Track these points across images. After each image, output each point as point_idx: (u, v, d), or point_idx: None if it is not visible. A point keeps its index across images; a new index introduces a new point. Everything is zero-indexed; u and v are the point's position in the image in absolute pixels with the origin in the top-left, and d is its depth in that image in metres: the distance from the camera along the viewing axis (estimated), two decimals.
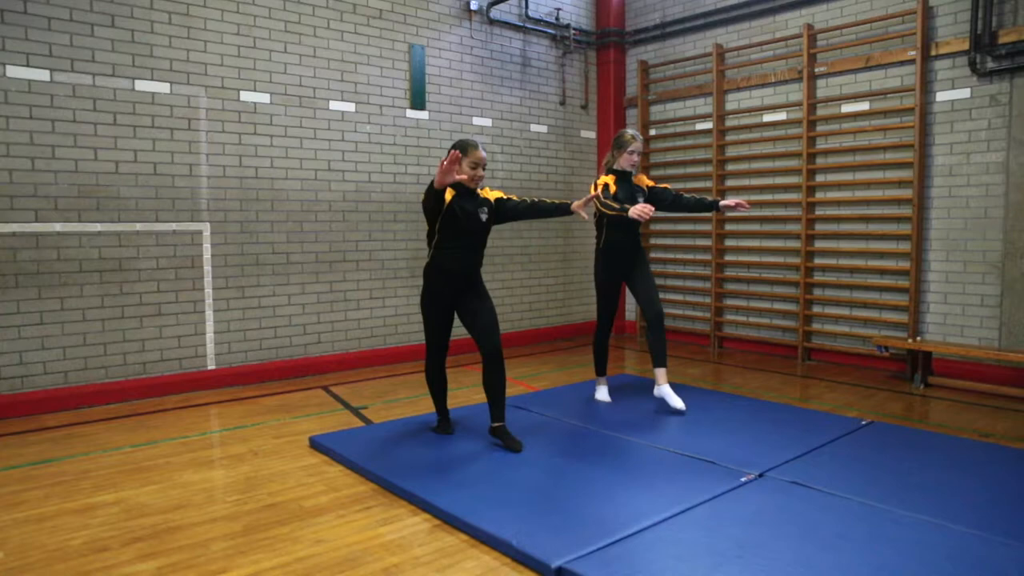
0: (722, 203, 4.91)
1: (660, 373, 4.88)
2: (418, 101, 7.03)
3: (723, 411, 4.92)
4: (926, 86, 6.14)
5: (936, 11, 6.10)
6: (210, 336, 5.90)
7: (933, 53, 6.10)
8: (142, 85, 5.48)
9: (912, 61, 6.17)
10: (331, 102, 6.49)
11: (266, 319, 6.19)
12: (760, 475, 3.65)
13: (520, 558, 2.86)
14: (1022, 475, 3.69)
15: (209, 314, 5.89)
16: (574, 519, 3.14)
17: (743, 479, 3.59)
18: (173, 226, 5.67)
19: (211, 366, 5.91)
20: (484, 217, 4.14)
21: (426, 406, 5.29)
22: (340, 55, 6.53)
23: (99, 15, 5.29)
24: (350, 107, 6.61)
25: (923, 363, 5.89)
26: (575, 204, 4.16)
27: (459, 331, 4.83)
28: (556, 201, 4.36)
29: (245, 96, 6.00)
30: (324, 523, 3.29)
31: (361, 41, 6.66)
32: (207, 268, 5.86)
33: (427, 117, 7.12)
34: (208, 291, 5.87)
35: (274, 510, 3.44)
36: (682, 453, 4.01)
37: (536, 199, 4.37)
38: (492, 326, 4.09)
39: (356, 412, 5.22)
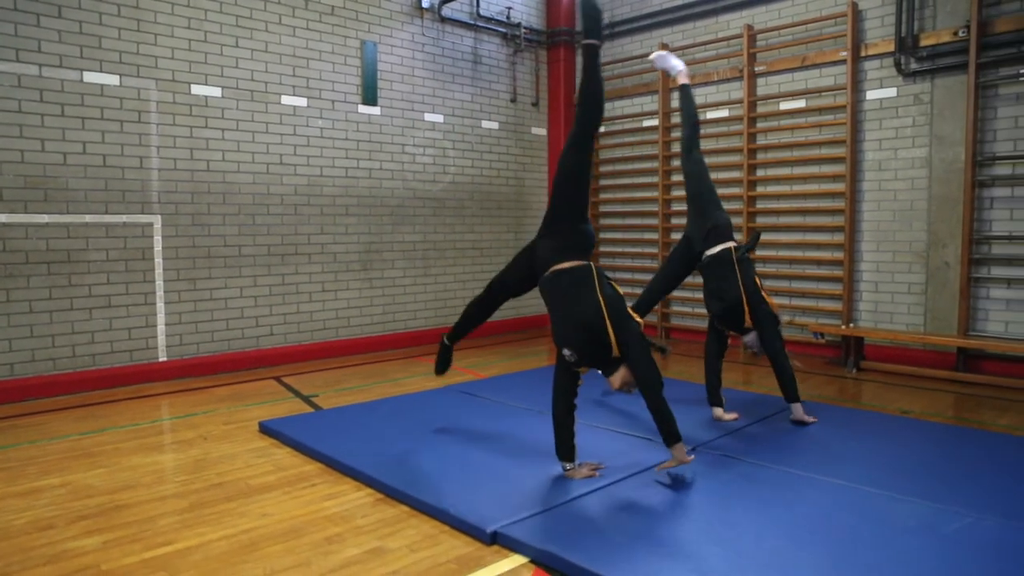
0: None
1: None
2: (370, 97, 7.12)
3: (669, 394, 5.10)
4: (856, 85, 6.44)
5: (865, 14, 6.41)
6: (161, 328, 5.92)
7: (863, 54, 6.40)
8: (91, 77, 5.49)
9: (843, 61, 6.47)
10: (283, 97, 6.56)
11: (218, 311, 6.22)
12: (693, 449, 3.83)
13: (458, 525, 3.00)
14: (931, 444, 3.96)
15: (160, 306, 5.91)
16: (512, 490, 3.29)
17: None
18: (123, 218, 5.68)
19: (162, 358, 5.93)
20: None
21: (377, 393, 5.41)
22: (292, 50, 6.60)
23: (46, 5, 5.29)
24: (302, 102, 6.68)
25: (856, 348, 6.18)
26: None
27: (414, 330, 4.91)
28: None
29: (196, 90, 6.03)
30: (270, 499, 3.38)
31: (313, 37, 6.73)
32: (158, 260, 5.88)
33: (379, 113, 7.22)
34: (159, 283, 5.89)
35: (221, 488, 3.53)
36: (622, 431, 4.19)
37: None
38: None
39: (307, 400, 5.31)
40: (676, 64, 5.06)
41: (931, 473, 3.51)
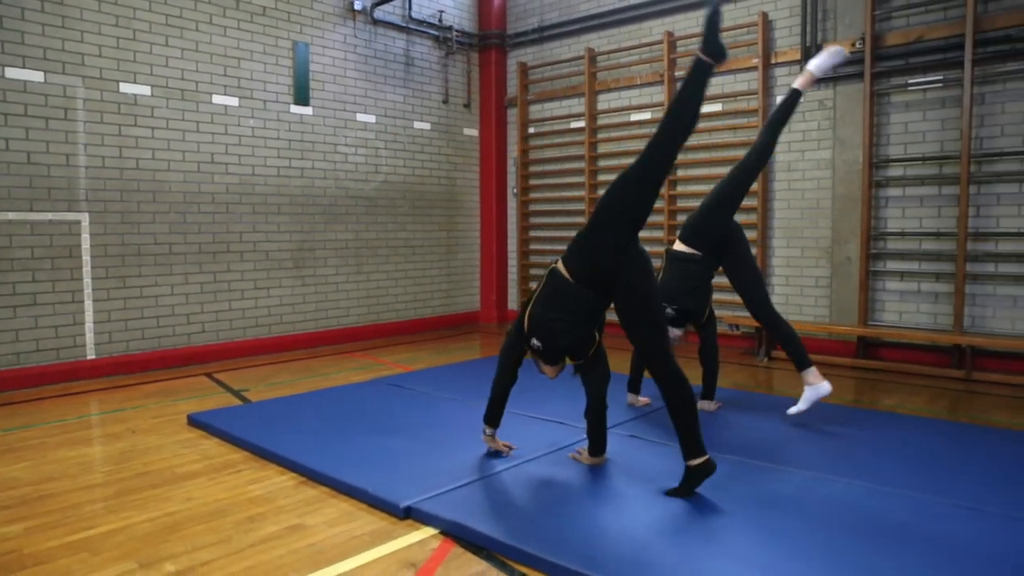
0: None
1: None
2: (302, 97, 7.22)
3: (580, 384, 5.38)
4: (768, 90, 6.84)
5: (775, 24, 6.81)
6: (89, 326, 5.92)
7: (773, 61, 6.80)
8: (13, 73, 5.47)
9: (756, 68, 6.86)
10: (214, 96, 6.61)
11: (148, 309, 6.25)
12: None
13: (374, 502, 3.19)
14: (834, 424, 4.28)
15: (88, 304, 5.91)
16: (427, 470, 3.48)
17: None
18: (49, 215, 5.68)
19: (91, 356, 5.93)
20: None
21: (307, 387, 5.54)
22: (223, 50, 6.65)
23: None
24: (233, 101, 6.74)
25: (767, 340, 6.56)
26: None
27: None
28: None
29: (125, 88, 6.05)
30: (195, 485, 3.51)
31: (244, 37, 6.80)
32: (86, 258, 5.88)
33: (311, 113, 7.33)
34: (87, 280, 5.89)
35: (147, 476, 3.63)
36: (538, 417, 4.43)
37: None
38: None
39: (237, 394, 5.40)
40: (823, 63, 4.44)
41: (828, 448, 3.85)
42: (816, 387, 4.27)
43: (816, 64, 4.41)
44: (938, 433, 4.13)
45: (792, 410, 4.35)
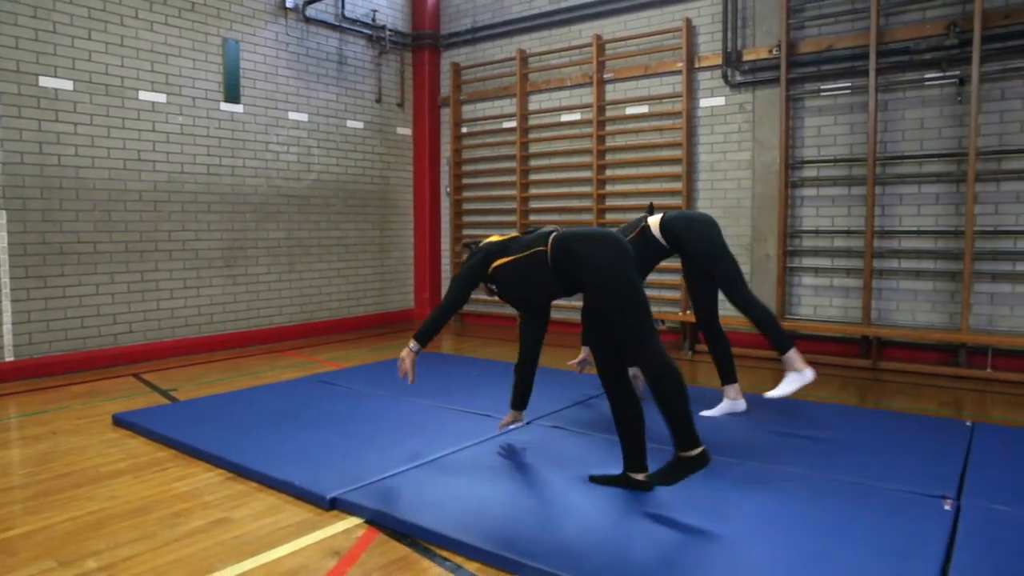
0: None
1: None
2: (232, 94, 7.16)
3: (510, 379, 5.52)
4: (692, 93, 7.10)
5: (698, 30, 7.07)
6: (8, 327, 5.76)
7: (696, 65, 7.06)
8: None
9: (680, 72, 7.11)
10: (140, 92, 6.50)
11: (72, 309, 6.11)
12: (527, 423, 4.23)
13: (301, 495, 3.24)
14: (745, 412, 4.51)
15: (7, 304, 5.75)
16: (356, 463, 3.55)
17: (512, 426, 4.15)
18: None
19: (9, 357, 5.77)
20: None
21: (237, 386, 5.53)
22: (150, 45, 6.55)
23: None
24: (161, 98, 6.64)
25: (691, 334, 6.82)
26: None
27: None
28: None
29: (45, 82, 5.91)
30: (120, 483, 3.50)
31: (172, 32, 6.70)
32: (3, 257, 5.72)
33: (242, 110, 7.26)
34: (5, 280, 5.73)
35: (69, 477, 3.60)
36: (463, 409, 4.54)
37: None
38: None
39: (165, 393, 5.35)
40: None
41: (740, 434, 4.07)
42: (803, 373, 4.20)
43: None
44: (838, 416, 4.40)
45: (772, 394, 4.26)
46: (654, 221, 4.43)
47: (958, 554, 2.56)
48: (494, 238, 3.63)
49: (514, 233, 3.58)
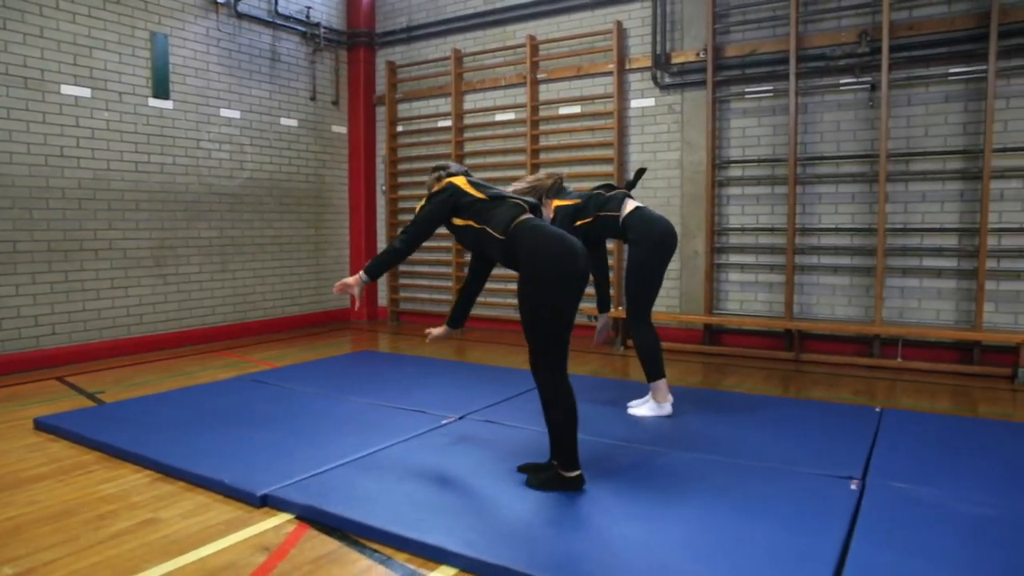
0: None
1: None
2: (161, 90, 7.01)
3: (446, 376, 5.59)
4: (623, 94, 7.27)
5: (628, 32, 7.25)
6: None
7: (627, 67, 7.24)
8: None
9: (611, 73, 7.27)
10: (63, 86, 6.31)
11: None
12: (460, 417, 4.30)
13: (231, 493, 3.24)
14: (676, 403, 4.65)
15: None
16: (287, 460, 3.56)
17: (444, 421, 4.23)
18: None
19: None
20: None
21: (168, 387, 5.43)
22: (72, 37, 6.36)
23: None
24: (85, 92, 6.46)
25: (623, 329, 6.99)
26: None
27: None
28: None
29: None
30: (41, 488, 3.42)
31: (97, 25, 6.52)
32: None
33: (171, 107, 7.12)
34: None
35: None
36: (397, 406, 4.58)
37: None
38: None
39: (90, 396, 5.23)
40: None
41: (672, 425, 4.21)
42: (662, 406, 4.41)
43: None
44: (761, 406, 4.60)
45: (633, 410, 4.50)
46: (628, 206, 4.44)
47: (859, 529, 2.74)
48: (462, 183, 3.59)
49: (481, 194, 3.54)
